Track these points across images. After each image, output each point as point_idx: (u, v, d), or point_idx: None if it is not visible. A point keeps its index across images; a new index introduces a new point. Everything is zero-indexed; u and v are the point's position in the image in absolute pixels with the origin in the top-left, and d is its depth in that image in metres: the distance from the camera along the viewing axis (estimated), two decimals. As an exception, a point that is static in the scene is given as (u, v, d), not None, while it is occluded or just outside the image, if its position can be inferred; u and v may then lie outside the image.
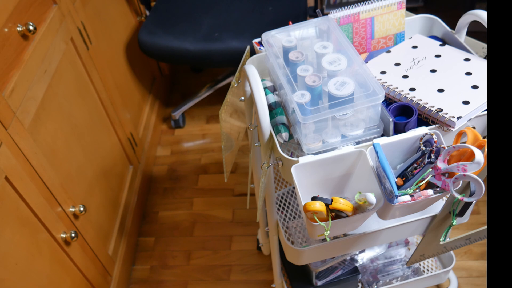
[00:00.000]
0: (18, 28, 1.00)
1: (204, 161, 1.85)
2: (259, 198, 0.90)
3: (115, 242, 1.44)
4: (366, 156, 0.76)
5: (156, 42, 1.64)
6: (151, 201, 1.75)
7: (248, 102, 0.93)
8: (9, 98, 0.95)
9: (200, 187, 1.77)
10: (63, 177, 1.15)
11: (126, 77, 1.69)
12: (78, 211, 1.17)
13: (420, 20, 1.00)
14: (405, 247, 1.29)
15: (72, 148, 1.23)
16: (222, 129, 0.96)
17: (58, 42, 1.16)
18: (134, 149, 1.67)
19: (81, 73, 1.31)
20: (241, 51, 1.55)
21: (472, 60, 0.87)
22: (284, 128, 0.83)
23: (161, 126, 2.02)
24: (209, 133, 1.96)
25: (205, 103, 2.06)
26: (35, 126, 1.05)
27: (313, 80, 0.78)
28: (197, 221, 1.67)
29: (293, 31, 0.88)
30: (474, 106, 0.78)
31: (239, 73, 0.91)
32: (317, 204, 0.70)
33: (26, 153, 0.99)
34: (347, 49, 0.82)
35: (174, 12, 1.74)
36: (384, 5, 0.90)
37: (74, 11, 1.28)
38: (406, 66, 0.89)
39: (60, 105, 1.18)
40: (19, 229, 0.95)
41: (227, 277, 1.51)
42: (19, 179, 0.95)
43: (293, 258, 1.00)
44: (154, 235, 1.65)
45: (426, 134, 0.76)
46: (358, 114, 0.77)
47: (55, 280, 1.08)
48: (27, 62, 1.02)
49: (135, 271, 1.56)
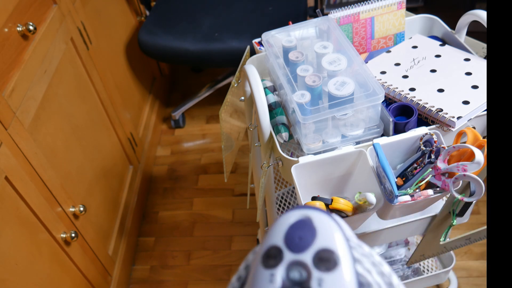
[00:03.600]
0: (18, 28, 1.00)
1: (204, 161, 1.85)
2: (259, 198, 0.90)
3: (115, 242, 1.44)
4: (366, 156, 0.76)
5: (156, 42, 1.64)
6: (151, 201, 1.75)
7: (248, 102, 0.93)
8: (9, 98, 0.95)
9: (200, 187, 1.77)
10: (63, 177, 1.15)
11: (126, 77, 1.69)
12: (78, 211, 1.17)
13: (420, 20, 1.00)
14: (405, 247, 1.29)
15: (72, 148, 1.23)
16: (222, 129, 0.96)
17: (58, 42, 1.16)
18: (134, 149, 1.67)
19: (81, 73, 1.31)
20: (241, 51, 1.55)
21: (472, 60, 0.87)
22: (284, 128, 0.83)
23: (161, 126, 2.02)
24: (209, 133, 1.96)
25: (205, 103, 2.06)
26: (35, 126, 1.05)
27: (313, 80, 0.78)
28: (197, 221, 1.67)
29: (293, 31, 0.88)
30: (474, 106, 0.78)
31: (239, 73, 0.91)
32: (317, 204, 0.70)
33: (26, 153, 0.99)
34: (347, 49, 0.82)
35: (174, 12, 1.74)
36: (384, 5, 0.90)
37: (74, 11, 1.28)
38: (406, 66, 0.89)
39: (60, 105, 1.18)
40: (19, 229, 0.95)
41: (227, 277, 1.51)
42: (19, 179, 0.95)
43: (293, 258, 1.00)
44: (154, 235, 1.65)
45: (426, 134, 0.76)
46: (358, 114, 0.77)
47: (55, 280, 1.08)
48: (27, 62, 1.02)
49: (135, 271, 1.56)
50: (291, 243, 0.26)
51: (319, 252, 0.25)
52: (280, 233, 0.26)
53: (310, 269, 0.25)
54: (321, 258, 0.24)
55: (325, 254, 0.25)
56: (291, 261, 0.25)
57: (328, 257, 0.25)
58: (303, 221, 0.26)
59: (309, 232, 0.25)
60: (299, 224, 0.26)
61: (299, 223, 0.26)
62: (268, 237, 0.27)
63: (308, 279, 0.24)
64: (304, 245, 0.25)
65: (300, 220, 0.26)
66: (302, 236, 0.25)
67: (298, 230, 0.26)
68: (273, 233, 0.27)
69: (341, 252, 0.25)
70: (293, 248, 0.26)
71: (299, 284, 0.25)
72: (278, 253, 0.26)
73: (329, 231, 0.26)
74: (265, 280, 0.26)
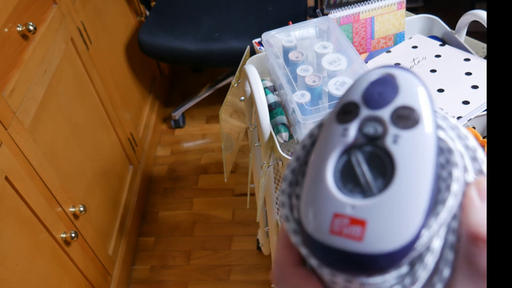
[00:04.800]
0: (18, 28, 1.00)
1: (204, 161, 1.85)
2: (259, 198, 0.90)
3: (115, 242, 1.44)
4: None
5: (156, 42, 1.64)
6: (151, 201, 1.75)
7: (248, 102, 0.93)
8: (9, 98, 0.95)
9: (200, 187, 1.77)
10: (63, 177, 1.15)
11: (126, 77, 1.69)
12: (78, 211, 1.17)
13: (420, 20, 1.00)
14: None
15: (72, 148, 1.23)
16: (222, 129, 0.96)
17: (58, 42, 1.16)
18: (134, 149, 1.67)
19: (81, 73, 1.31)
20: (241, 51, 1.55)
21: (472, 60, 0.87)
22: (284, 128, 0.83)
23: (161, 126, 2.02)
24: (209, 133, 1.96)
25: (205, 103, 2.06)
26: (35, 126, 1.05)
27: (313, 80, 0.78)
28: (197, 221, 1.67)
29: (293, 31, 0.88)
30: (474, 106, 0.78)
31: (239, 73, 0.91)
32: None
33: (26, 153, 0.99)
34: (347, 49, 0.82)
35: (174, 12, 1.74)
36: (384, 5, 0.90)
37: (74, 11, 1.28)
38: (406, 66, 0.89)
39: (60, 105, 1.18)
40: (19, 229, 0.95)
41: (227, 277, 1.51)
42: (19, 179, 0.95)
43: (293, 258, 1.00)
44: (154, 235, 1.65)
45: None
46: (358, 114, 0.77)
47: (55, 280, 1.08)
48: (27, 62, 1.02)
49: (135, 271, 1.56)
50: (370, 98, 0.24)
51: (398, 108, 0.23)
52: (359, 89, 0.24)
53: (387, 125, 0.23)
54: (401, 115, 0.23)
55: (406, 111, 0.23)
56: (367, 116, 0.23)
57: (408, 114, 0.23)
58: (385, 78, 0.24)
59: (391, 88, 0.23)
60: (380, 80, 0.24)
61: (380, 80, 0.24)
62: (345, 93, 0.25)
63: (383, 134, 0.23)
64: (383, 101, 0.23)
65: (382, 77, 0.24)
66: (382, 92, 0.24)
67: (379, 86, 0.24)
68: (352, 89, 0.25)
69: (424, 112, 0.23)
70: (371, 104, 0.24)
71: (373, 139, 0.23)
72: (355, 109, 0.24)
73: (413, 89, 0.23)
74: (337, 134, 0.24)
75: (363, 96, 0.24)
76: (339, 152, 0.24)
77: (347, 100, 0.25)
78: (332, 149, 0.24)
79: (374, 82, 0.24)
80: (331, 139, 0.24)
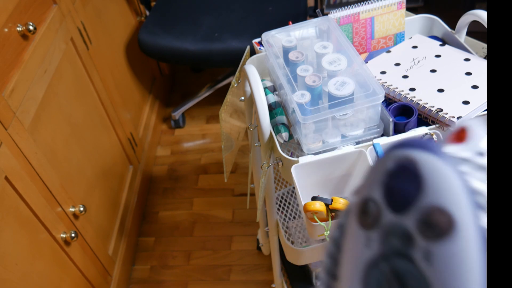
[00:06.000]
0: (18, 28, 1.00)
1: (204, 161, 1.85)
2: (259, 198, 0.90)
3: (115, 242, 1.44)
4: (366, 156, 0.76)
5: (156, 42, 1.64)
6: (151, 201, 1.75)
7: (248, 102, 0.93)
8: (9, 98, 0.95)
9: (200, 187, 1.77)
10: (63, 177, 1.15)
11: (126, 77, 1.69)
12: (78, 211, 1.17)
13: (420, 20, 1.00)
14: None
15: (72, 148, 1.23)
16: (222, 129, 0.96)
17: (58, 42, 1.16)
18: (134, 149, 1.67)
19: (81, 73, 1.31)
20: (241, 51, 1.55)
21: (472, 60, 0.87)
22: (284, 128, 0.83)
23: (161, 126, 2.02)
24: (209, 133, 1.96)
25: (205, 103, 2.06)
26: (35, 126, 1.05)
27: (313, 80, 0.78)
28: (197, 221, 1.67)
29: (293, 31, 0.88)
30: (474, 106, 0.78)
31: (239, 73, 0.91)
32: (317, 204, 0.70)
33: (26, 153, 0.99)
34: (347, 49, 0.82)
35: (174, 12, 1.74)
36: (384, 5, 0.90)
37: (74, 11, 1.28)
38: (406, 66, 0.89)
39: (60, 105, 1.18)
40: (19, 229, 0.95)
41: (227, 277, 1.51)
42: (19, 179, 0.95)
43: (293, 258, 1.00)
44: (154, 235, 1.65)
45: (426, 134, 0.76)
46: (358, 114, 0.77)
47: (55, 280, 1.08)
48: (27, 62, 1.02)
49: (135, 271, 1.56)
50: (390, 198, 0.20)
51: (426, 211, 0.19)
52: (377, 181, 0.21)
53: (413, 235, 0.19)
54: (428, 222, 0.18)
55: (435, 215, 0.18)
56: (389, 223, 0.20)
57: (438, 219, 0.18)
58: (405, 167, 0.20)
59: (414, 182, 0.19)
60: (400, 171, 0.20)
61: (400, 170, 0.20)
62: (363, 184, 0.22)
63: (411, 248, 0.19)
64: (406, 201, 0.19)
65: (401, 165, 0.20)
66: (404, 188, 0.20)
67: (399, 180, 0.20)
68: (370, 180, 0.21)
69: (458, 212, 0.18)
70: (393, 205, 0.20)
71: (400, 253, 0.20)
72: (375, 210, 0.21)
73: (441, 180, 0.19)
74: (361, 243, 0.21)
75: (383, 194, 0.21)
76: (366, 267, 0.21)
77: (366, 197, 0.22)
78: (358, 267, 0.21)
79: (394, 173, 0.20)
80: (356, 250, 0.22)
